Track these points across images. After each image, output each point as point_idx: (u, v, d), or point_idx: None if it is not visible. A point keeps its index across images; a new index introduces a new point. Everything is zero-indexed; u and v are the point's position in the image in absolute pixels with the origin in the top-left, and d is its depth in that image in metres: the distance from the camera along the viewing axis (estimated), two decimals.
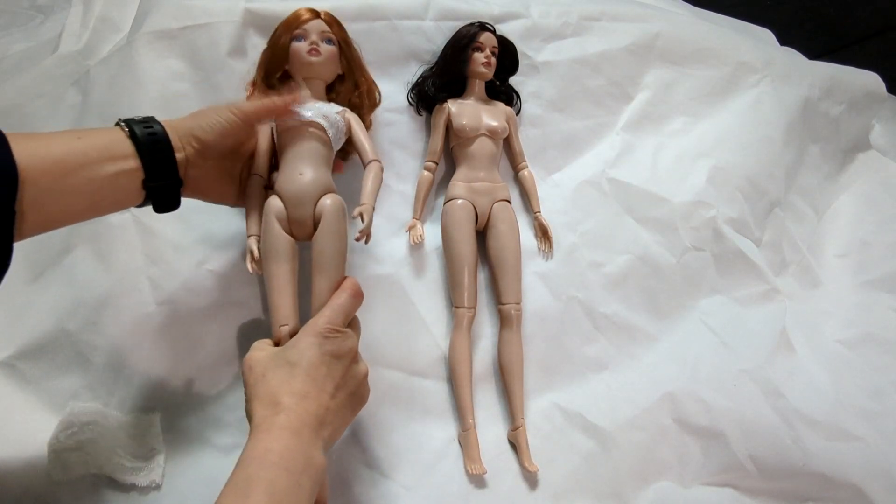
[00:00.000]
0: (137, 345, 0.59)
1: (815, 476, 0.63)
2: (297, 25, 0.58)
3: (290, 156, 0.55)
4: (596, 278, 0.71)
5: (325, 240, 0.52)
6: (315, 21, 0.59)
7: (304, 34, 0.58)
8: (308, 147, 0.55)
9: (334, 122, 0.57)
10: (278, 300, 0.51)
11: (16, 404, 0.58)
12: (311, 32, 0.58)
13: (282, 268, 0.52)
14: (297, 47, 0.58)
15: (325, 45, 0.59)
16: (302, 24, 0.58)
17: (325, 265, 0.52)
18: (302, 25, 0.58)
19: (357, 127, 0.59)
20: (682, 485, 0.63)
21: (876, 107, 1.01)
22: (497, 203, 0.68)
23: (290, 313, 0.51)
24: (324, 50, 0.58)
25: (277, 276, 0.52)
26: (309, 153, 0.55)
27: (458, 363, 0.63)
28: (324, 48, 0.58)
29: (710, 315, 0.73)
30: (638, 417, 0.64)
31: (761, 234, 0.80)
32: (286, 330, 0.51)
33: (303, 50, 0.58)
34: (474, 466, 0.59)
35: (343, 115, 0.58)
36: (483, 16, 0.72)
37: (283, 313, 0.51)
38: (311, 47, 0.58)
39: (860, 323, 0.79)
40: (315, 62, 0.58)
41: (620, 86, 0.79)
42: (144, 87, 0.64)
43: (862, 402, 0.69)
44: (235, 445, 0.58)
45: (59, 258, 0.62)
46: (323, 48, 0.58)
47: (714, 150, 0.79)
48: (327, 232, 0.52)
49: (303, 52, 0.58)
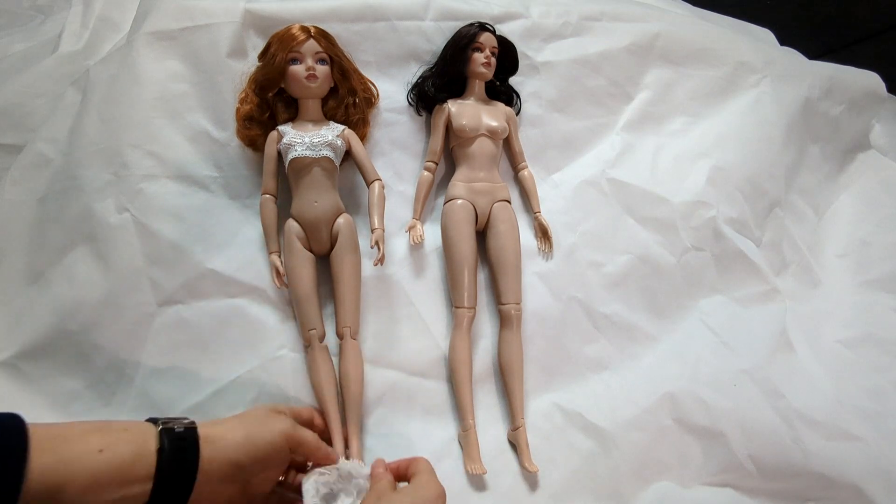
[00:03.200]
0: (138, 345, 0.59)
1: (815, 476, 0.63)
2: (292, 48, 0.61)
3: (304, 185, 0.61)
4: (596, 278, 0.71)
5: (343, 254, 0.61)
6: (309, 42, 0.61)
7: (300, 57, 0.61)
8: (319, 176, 0.61)
9: (338, 148, 0.62)
10: (306, 309, 0.60)
11: (17, 404, 0.58)
12: (306, 55, 0.61)
13: (307, 281, 0.60)
14: (294, 71, 0.61)
15: (320, 66, 0.62)
16: (297, 47, 0.61)
17: (346, 275, 0.61)
18: (297, 48, 0.61)
19: (356, 145, 0.65)
20: (682, 485, 0.63)
21: (876, 107, 1.01)
22: (497, 203, 0.68)
23: (317, 319, 0.60)
24: (320, 72, 0.62)
25: (304, 287, 0.60)
26: (320, 182, 0.61)
27: (458, 363, 0.63)
28: (319, 70, 0.62)
29: (710, 315, 0.73)
30: (638, 417, 0.64)
31: (761, 234, 0.80)
32: (315, 333, 0.59)
33: (300, 75, 0.61)
34: (474, 466, 0.59)
35: (343, 134, 0.63)
36: (483, 16, 0.72)
37: (311, 319, 0.59)
38: (307, 73, 0.61)
39: (860, 323, 0.79)
40: (313, 87, 0.62)
41: (620, 86, 0.79)
42: (144, 88, 0.64)
43: (862, 402, 0.69)
44: None
45: (60, 259, 0.62)
46: (318, 70, 0.62)
47: (714, 150, 0.79)
48: (345, 248, 0.61)
49: (301, 78, 0.61)
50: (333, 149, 0.61)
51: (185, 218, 0.62)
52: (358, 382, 0.59)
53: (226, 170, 0.64)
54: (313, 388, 0.59)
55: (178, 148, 0.63)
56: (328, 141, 0.61)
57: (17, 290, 0.63)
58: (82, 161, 0.63)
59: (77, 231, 0.62)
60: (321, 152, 0.60)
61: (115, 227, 0.61)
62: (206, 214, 0.62)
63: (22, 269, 0.63)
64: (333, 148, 0.61)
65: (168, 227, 0.61)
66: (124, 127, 0.63)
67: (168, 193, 0.62)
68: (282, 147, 0.61)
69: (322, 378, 0.58)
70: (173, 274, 0.61)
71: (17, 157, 0.69)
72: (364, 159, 0.64)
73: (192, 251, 0.61)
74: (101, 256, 0.61)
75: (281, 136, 0.62)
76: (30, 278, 0.63)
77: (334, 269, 0.61)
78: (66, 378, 0.59)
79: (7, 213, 0.66)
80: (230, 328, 0.61)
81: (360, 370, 0.60)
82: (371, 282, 0.64)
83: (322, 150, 0.60)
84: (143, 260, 0.60)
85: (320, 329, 0.59)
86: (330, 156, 0.61)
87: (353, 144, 0.64)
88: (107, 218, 0.61)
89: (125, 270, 0.60)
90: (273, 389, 0.60)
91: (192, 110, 0.64)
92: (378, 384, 0.63)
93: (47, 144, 0.68)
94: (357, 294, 0.61)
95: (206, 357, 0.60)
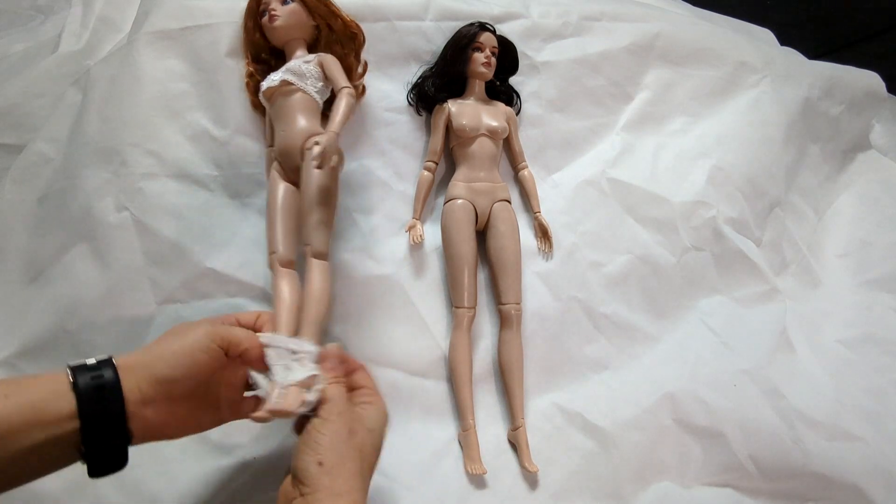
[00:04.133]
0: (138, 345, 0.59)
1: (816, 476, 0.63)
2: (256, 3, 0.61)
3: (274, 117, 0.59)
4: (596, 278, 0.71)
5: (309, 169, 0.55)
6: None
7: (264, 5, 0.61)
8: (284, 105, 0.58)
9: (304, 73, 0.58)
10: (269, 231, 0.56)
11: None
12: (270, 2, 0.60)
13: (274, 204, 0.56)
14: (263, 21, 0.61)
15: (283, 6, 0.60)
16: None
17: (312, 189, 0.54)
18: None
19: (330, 63, 0.60)
20: (682, 485, 0.63)
21: (876, 107, 1.01)
22: (497, 203, 0.68)
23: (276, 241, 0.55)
24: (282, 11, 0.60)
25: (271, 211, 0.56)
26: (287, 111, 0.58)
27: (458, 363, 0.63)
28: (281, 10, 0.60)
29: (710, 315, 0.73)
30: (638, 417, 0.64)
31: (761, 234, 0.80)
32: (275, 257, 0.54)
33: (266, 20, 0.60)
34: (474, 466, 0.59)
35: (315, 61, 0.60)
36: (483, 16, 0.72)
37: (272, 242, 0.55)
38: (269, 14, 0.60)
39: (860, 323, 0.79)
40: (277, 27, 0.60)
41: (620, 86, 0.79)
42: (144, 88, 0.64)
43: (862, 402, 0.69)
44: (235, 445, 0.58)
45: (59, 258, 0.62)
46: (280, 10, 0.60)
47: (714, 150, 0.79)
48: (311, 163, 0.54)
49: (266, 23, 0.60)
50: (295, 73, 0.57)
51: (185, 217, 0.62)
52: (320, 302, 0.51)
53: (225, 169, 0.64)
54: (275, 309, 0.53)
55: (178, 147, 0.63)
56: (291, 68, 0.58)
57: (16, 289, 0.63)
58: (82, 160, 0.63)
59: (76, 230, 0.62)
60: (281, 77, 0.57)
61: (115, 226, 0.61)
62: (205, 213, 0.62)
63: (21, 267, 0.63)
64: (295, 72, 0.58)
65: (167, 227, 0.61)
66: (124, 126, 0.63)
67: (168, 192, 0.62)
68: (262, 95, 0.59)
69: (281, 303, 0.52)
70: (173, 273, 0.61)
71: (17, 157, 0.69)
72: (335, 72, 0.58)
73: (192, 250, 0.61)
74: (100, 255, 0.61)
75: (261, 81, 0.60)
76: (29, 277, 0.63)
77: (301, 186, 0.55)
78: None
79: (7, 212, 0.66)
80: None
81: (322, 288, 0.52)
82: (371, 281, 0.64)
83: (282, 76, 0.57)
84: (142, 259, 0.60)
85: (281, 252, 0.54)
86: (290, 79, 0.57)
87: (326, 63, 0.59)
88: (106, 217, 0.61)
89: (124, 269, 0.60)
90: None
91: (192, 109, 0.64)
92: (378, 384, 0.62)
93: (47, 144, 0.68)
94: (324, 212, 0.55)
95: None
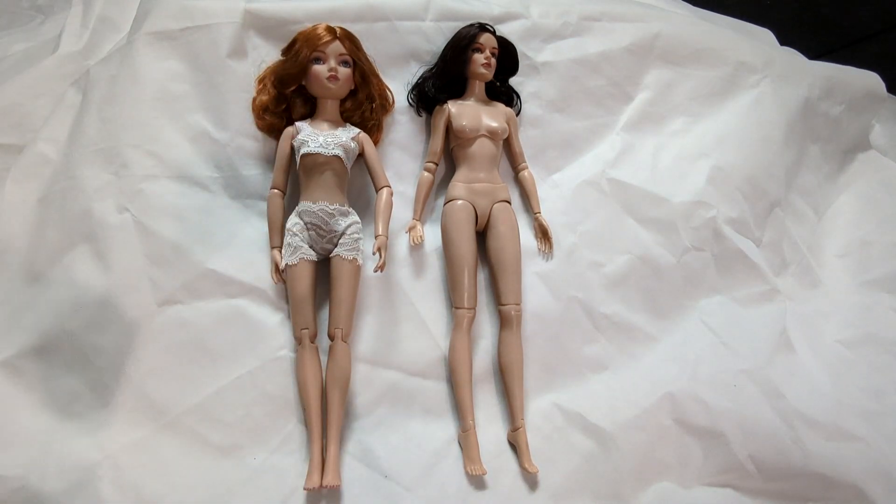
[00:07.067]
0: (138, 345, 0.59)
1: (816, 476, 0.63)
2: (317, 47, 0.62)
3: (313, 183, 0.62)
4: (596, 278, 0.71)
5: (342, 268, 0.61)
6: (334, 43, 0.62)
7: (324, 57, 0.62)
8: (328, 176, 0.62)
9: (350, 151, 0.63)
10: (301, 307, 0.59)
11: (17, 404, 0.58)
12: (329, 56, 0.62)
13: (305, 280, 0.60)
14: (316, 70, 0.62)
15: (342, 68, 0.63)
16: (322, 47, 0.62)
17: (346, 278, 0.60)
18: (322, 48, 0.62)
19: (369, 150, 0.65)
20: (682, 485, 0.63)
21: (876, 107, 1.01)
22: (497, 204, 0.68)
23: (310, 319, 0.60)
24: (341, 74, 0.63)
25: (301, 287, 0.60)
26: (328, 181, 0.62)
27: (458, 363, 0.63)
28: (341, 72, 0.63)
29: (710, 315, 0.73)
30: (638, 418, 0.64)
31: (761, 234, 0.80)
32: (307, 333, 0.59)
33: (322, 75, 0.62)
34: (474, 467, 0.59)
35: (357, 137, 0.64)
36: (483, 16, 0.72)
37: (304, 318, 0.59)
38: (329, 73, 0.62)
39: (860, 323, 0.79)
40: (333, 88, 0.63)
41: (620, 86, 0.79)
42: (144, 88, 0.64)
43: (862, 402, 0.69)
44: (235, 445, 0.58)
45: (59, 258, 0.62)
46: (340, 72, 0.62)
47: (714, 150, 0.79)
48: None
49: (322, 77, 0.62)
50: (346, 150, 0.62)
51: (186, 218, 0.62)
52: (343, 388, 0.59)
53: (225, 170, 0.64)
54: (298, 388, 0.59)
55: (178, 148, 0.63)
56: (341, 142, 0.62)
57: (16, 289, 0.63)
58: (82, 161, 0.63)
59: (77, 231, 0.62)
60: (333, 151, 0.61)
61: (115, 227, 0.61)
62: (206, 214, 0.62)
63: (22, 268, 0.63)
64: (346, 149, 0.62)
65: (168, 228, 0.61)
66: (124, 127, 0.63)
67: (168, 193, 0.62)
68: (296, 143, 0.62)
69: (308, 378, 0.58)
70: (173, 274, 0.61)
71: (17, 157, 0.69)
72: (376, 164, 0.65)
73: (192, 251, 0.61)
74: (100, 256, 0.61)
75: (297, 132, 0.62)
76: (30, 278, 0.63)
77: (334, 270, 0.61)
78: (66, 378, 0.59)
79: (7, 212, 0.66)
80: (230, 328, 0.61)
81: (347, 374, 0.59)
82: (371, 282, 0.64)
83: (334, 149, 0.61)
84: (142, 260, 0.60)
85: (312, 328, 0.60)
86: (341, 156, 0.61)
87: (367, 148, 0.65)
88: (107, 218, 0.61)
89: (125, 270, 0.60)
90: (273, 389, 0.60)
91: (192, 110, 0.64)
92: (378, 384, 0.63)
93: (48, 144, 0.68)
94: (353, 298, 0.61)
95: (206, 357, 0.60)
